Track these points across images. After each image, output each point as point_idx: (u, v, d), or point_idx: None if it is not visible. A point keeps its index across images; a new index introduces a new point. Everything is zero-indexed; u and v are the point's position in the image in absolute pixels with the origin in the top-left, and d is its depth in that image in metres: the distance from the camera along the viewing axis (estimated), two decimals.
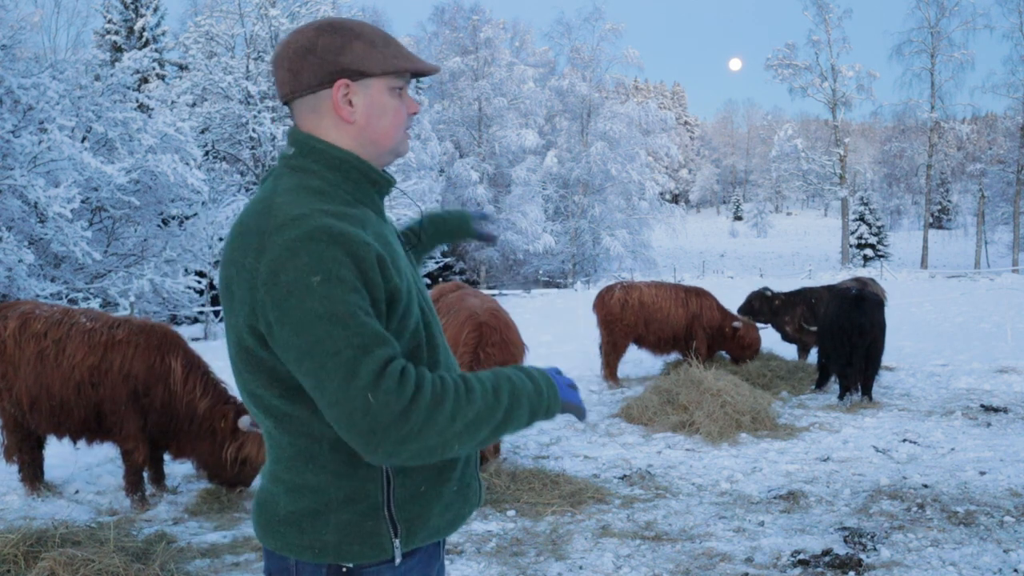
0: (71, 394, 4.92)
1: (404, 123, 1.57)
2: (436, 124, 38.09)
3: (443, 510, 1.56)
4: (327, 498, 1.47)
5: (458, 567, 4.06)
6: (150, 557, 3.95)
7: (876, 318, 7.80)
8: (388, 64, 1.51)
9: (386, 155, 1.57)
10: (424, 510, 1.52)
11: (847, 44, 49.74)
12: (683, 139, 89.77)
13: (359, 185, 1.52)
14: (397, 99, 1.55)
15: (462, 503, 1.61)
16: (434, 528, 1.55)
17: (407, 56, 1.56)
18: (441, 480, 1.54)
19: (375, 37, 1.53)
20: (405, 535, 1.49)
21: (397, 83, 1.54)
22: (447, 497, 1.56)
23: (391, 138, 1.55)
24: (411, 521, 1.50)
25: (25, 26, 15.10)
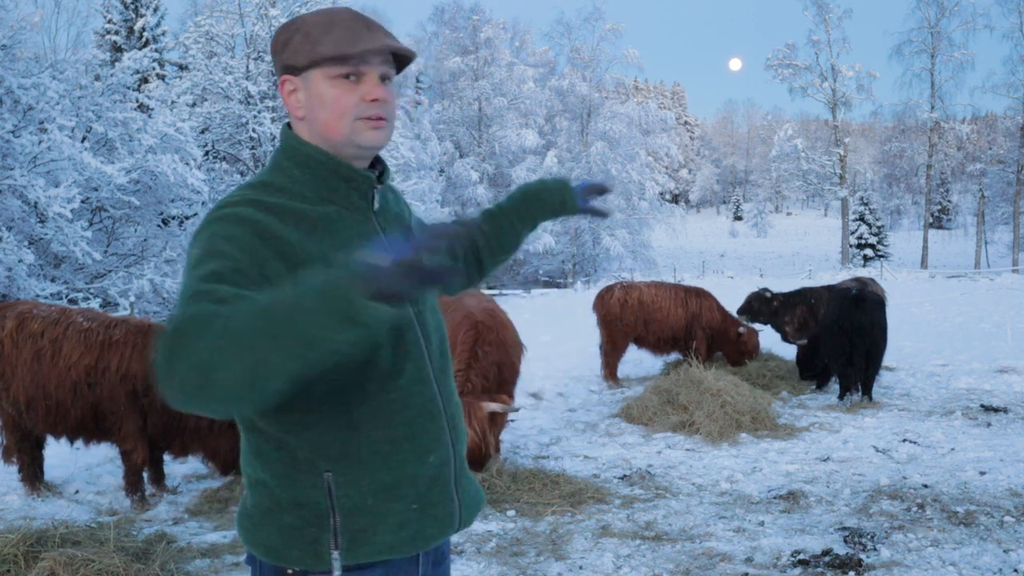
0: (67, 394, 4.92)
1: (351, 112, 1.45)
2: (436, 124, 38.12)
3: (396, 527, 1.47)
4: (277, 498, 1.46)
5: (458, 567, 4.06)
6: (150, 557, 3.95)
7: (877, 318, 7.80)
8: (315, 53, 1.44)
9: (342, 147, 1.48)
10: (371, 524, 1.45)
11: (847, 44, 49.77)
12: (683, 139, 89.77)
13: (327, 182, 1.48)
14: (340, 87, 1.45)
15: (427, 522, 1.52)
16: (384, 544, 1.47)
17: (338, 41, 1.44)
18: (392, 496, 1.47)
19: (315, 27, 1.46)
20: (346, 548, 1.44)
21: (337, 70, 1.44)
22: (402, 515, 1.48)
23: (337, 130, 1.46)
24: (356, 533, 1.44)
25: (25, 26, 15.10)
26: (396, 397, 1.48)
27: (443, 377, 1.58)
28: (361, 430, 1.45)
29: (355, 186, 1.51)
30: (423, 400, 1.51)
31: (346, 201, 1.50)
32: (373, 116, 1.47)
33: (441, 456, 1.54)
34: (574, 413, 7.99)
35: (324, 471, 1.44)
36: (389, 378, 1.47)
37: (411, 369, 1.49)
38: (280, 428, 1.45)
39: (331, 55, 1.43)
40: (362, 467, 1.45)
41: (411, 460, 1.49)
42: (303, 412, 1.43)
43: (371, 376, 1.45)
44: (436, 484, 1.53)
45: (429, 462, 1.52)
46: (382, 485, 1.46)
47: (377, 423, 1.46)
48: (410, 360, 1.50)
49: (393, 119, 1.53)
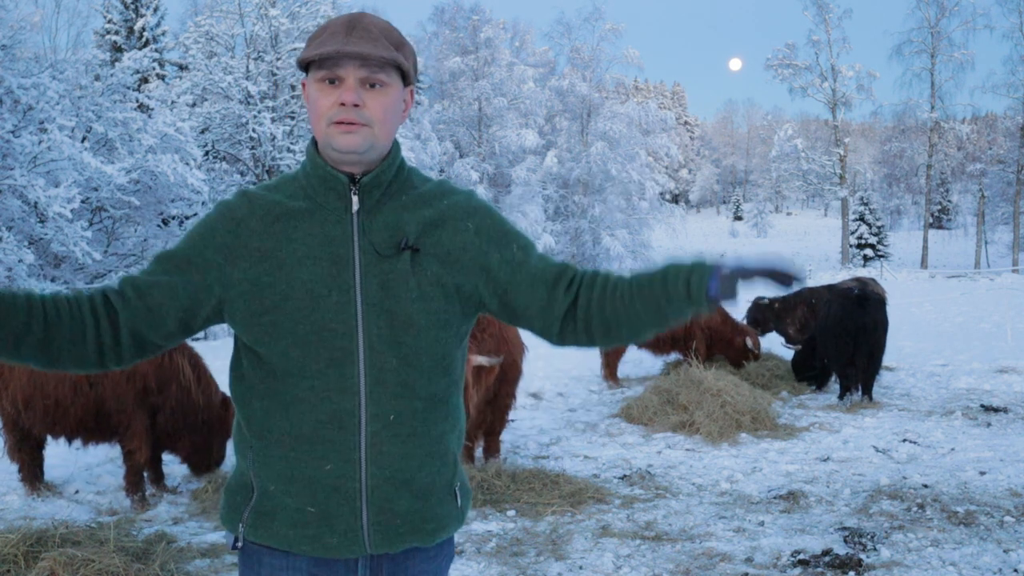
0: (67, 393, 4.92)
1: (326, 114, 1.49)
2: (436, 124, 38.09)
3: (292, 522, 1.52)
4: (235, 465, 1.65)
5: (458, 567, 4.06)
6: (150, 557, 3.95)
7: (879, 317, 7.80)
8: (301, 57, 1.53)
9: (324, 149, 1.55)
10: (272, 511, 1.54)
11: (847, 44, 49.72)
12: (683, 139, 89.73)
13: (311, 180, 1.57)
14: (320, 90, 1.50)
15: (326, 530, 1.51)
16: (279, 534, 1.53)
17: (315, 46, 1.50)
18: (290, 492, 1.52)
19: (316, 32, 1.55)
20: (250, 523, 1.56)
21: (320, 73, 1.50)
22: (298, 512, 1.51)
23: (318, 131, 1.54)
24: (261, 516, 1.55)
25: (25, 26, 15.10)
26: (307, 396, 1.50)
27: (379, 393, 1.50)
28: (274, 418, 1.53)
29: (330, 186, 1.55)
30: (335, 408, 1.49)
31: (323, 200, 1.56)
32: (344, 120, 1.49)
33: (342, 470, 1.50)
34: (574, 413, 7.99)
35: (249, 446, 1.57)
36: (303, 376, 1.49)
37: (332, 375, 1.48)
38: (234, 401, 1.62)
39: (307, 58, 1.51)
40: (270, 453, 1.54)
41: (308, 461, 1.51)
42: (246, 386, 1.57)
43: (288, 370, 1.50)
44: (336, 495, 1.50)
45: (326, 470, 1.50)
46: (282, 476, 1.53)
47: (286, 415, 1.52)
48: (334, 366, 1.49)
49: (380, 125, 1.51)
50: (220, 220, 1.56)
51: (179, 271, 1.53)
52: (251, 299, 1.51)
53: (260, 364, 1.53)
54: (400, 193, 1.58)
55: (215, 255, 1.53)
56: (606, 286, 1.58)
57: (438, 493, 1.59)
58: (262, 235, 1.53)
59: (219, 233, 1.55)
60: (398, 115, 1.56)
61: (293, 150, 24.74)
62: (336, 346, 1.48)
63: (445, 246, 1.56)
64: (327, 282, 1.49)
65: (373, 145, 1.52)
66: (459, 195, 1.64)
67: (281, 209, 1.55)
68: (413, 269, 1.52)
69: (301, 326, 1.48)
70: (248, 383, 1.57)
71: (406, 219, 1.56)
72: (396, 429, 1.51)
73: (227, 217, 1.56)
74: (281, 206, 1.55)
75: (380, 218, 1.55)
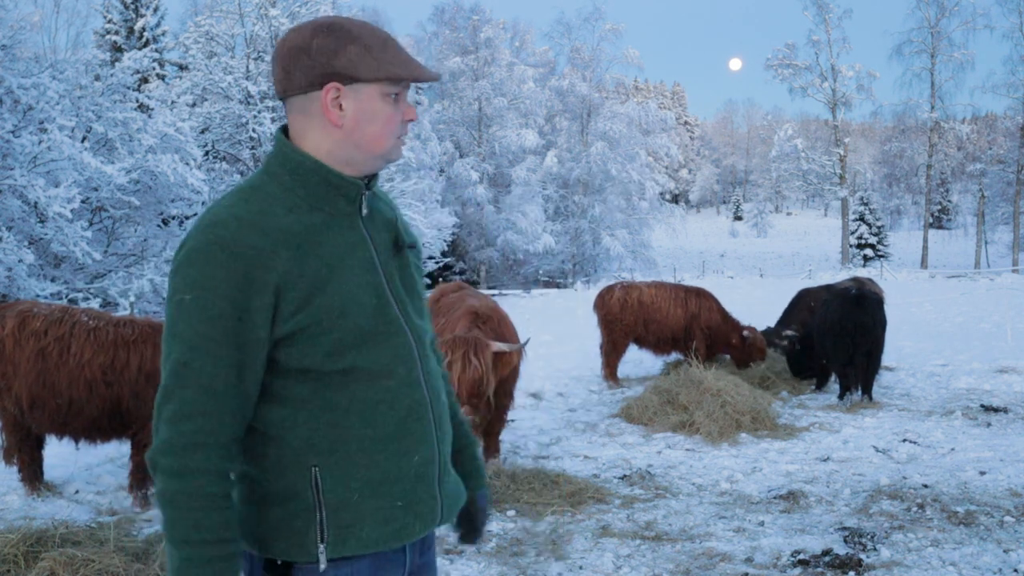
0: (82, 393, 4.91)
1: (396, 130, 1.56)
2: (436, 124, 38.07)
3: (381, 523, 1.53)
4: (263, 491, 1.52)
5: (458, 567, 4.07)
6: (150, 557, 3.95)
7: (878, 316, 7.80)
8: (381, 71, 1.50)
9: (375, 160, 1.56)
10: (357, 519, 1.51)
11: (847, 44, 49.73)
12: (683, 139, 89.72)
13: (317, 190, 1.52)
14: (390, 105, 1.53)
15: (411, 518, 1.57)
16: (369, 539, 1.52)
17: (404, 63, 1.53)
18: (379, 493, 1.52)
19: (372, 41, 1.51)
20: (333, 541, 1.49)
21: (391, 89, 1.52)
22: (387, 511, 1.53)
23: (381, 145, 1.54)
24: (341, 528, 1.50)
25: (25, 26, 15.09)
26: (384, 398, 1.53)
27: (431, 378, 1.62)
28: (349, 427, 1.50)
29: (343, 192, 1.54)
30: (411, 402, 1.56)
31: (334, 208, 1.53)
32: (405, 135, 1.60)
33: (426, 456, 1.58)
34: (574, 413, 7.99)
35: (312, 465, 1.49)
36: (378, 379, 1.52)
37: (401, 372, 1.55)
38: (270, 425, 1.51)
39: (399, 75, 1.51)
40: (349, 463, 1.50)
41: (396, 459, 1.54)
42: (293, 408, 1.50)
43: (358, 378, 1.50)
44: (420, 482, 1.58)
45: (414, 461, 1.56)
46: (368, 481, 1.51)
47: (364, 421, 1.51)
48: (401, 363, 1.55)
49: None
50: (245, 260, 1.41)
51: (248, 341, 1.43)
52: (310, 326, 1.45)
53: (319, 380, 1.48)
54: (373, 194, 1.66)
55: (263, 299, 1.42)
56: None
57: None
58: (296, 261, 1.44)
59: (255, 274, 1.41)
60: None
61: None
62: (396, 344, 1.54)
63: (413, 239, 1.71)
64: (366, 288, 1.52)
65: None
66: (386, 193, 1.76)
67: (298, 228, 1.47)
68: (411, 264, 1.66)
69: (361, 336, 1.50)
70: (298, 404, 1.49)
71: (389, 219, 1.66)
72: (444, 408, 1.66)
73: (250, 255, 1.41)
74: (295, 224, 1.48)
75: (377, 219, 1.62)
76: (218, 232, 1.43)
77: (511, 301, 24.61)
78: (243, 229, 1.43)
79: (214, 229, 1.43)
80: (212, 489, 1.42)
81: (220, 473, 1.44)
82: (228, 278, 1.40)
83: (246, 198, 1.49)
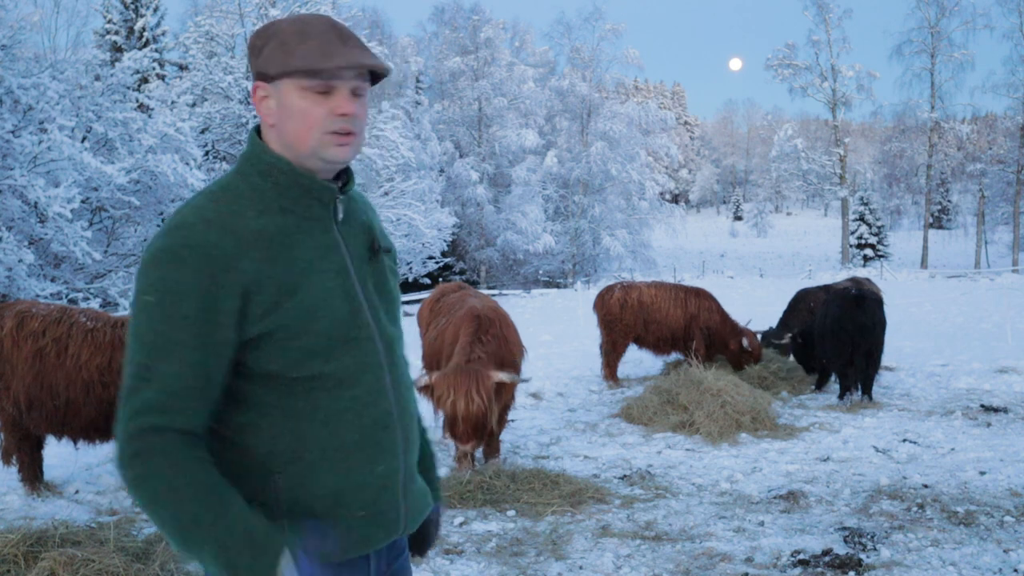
0: (79, 394, 4.91)
1: (321, 125, 1.46)
2: (436, 124, 38.09)
3: (343, 529, 1.51)
4: None
5: (458, 567, 4.07)
6: (150, 557, 3.95)
7: (878, 317, 7.80)
8: (290, 64, 1.44)
9: (307, 159, 1.49)
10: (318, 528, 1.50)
11: (847, 44, 49.72)
12: (683, 139, 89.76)
13: (288, 192, 1.49)
14: (309, 100, 1.45)
15: (374, 528, 1.55)
16: (334, 553, 1.51)
17: (318, 53, 1.44)
18: (339, 503, 1.50)
19: (289, 35, 1.47)
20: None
21: (309, 83, 1.44)
22: (348, 521, 1.51)
23: (304, 142, 1.47)
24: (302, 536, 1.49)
25: (25, 26, 15.09)
26: (349, 407, 1.50)
27: (400, 388, 1.59)
28: (312, 436, 1.48)
29: (316, 196, 1.51)
30: (377, 411, 1.53)
31: (306, 211, 1.50)
32: (341, 131, 1.48)
33: (391, 466, 1.56)
34: (574, 413, 7.99)
35: (275, 473, 1.47)
36: (344, 387, 1.49)
37: (368, 380, 1.52)
38: (233, 430, 1.49)
39: (303, 68, 1.44)
40: (311, 472, 1.48)
41: (360, 469, 1.52)
42: (257, 414, 1.47)
43: (322, 385, 1.47)
44: (384, 492, 1.56)
45: (378, 471, 1.54)
46: (330, 491, 1.49)
47: (328, 430, 1.49)
48: (368, 372, 1.52)
49: (362, 133, 1.54)
50: (211, 262, 1.38)
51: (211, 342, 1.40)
52: (279, 331, 1.43)
53: (285, 386, 1.46)
54: (351, 197, 1.62)
55: (231, 302, 1.40)
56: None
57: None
58: (265, 263, 1.42)
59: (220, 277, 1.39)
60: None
61: None
62: (364, 351, 1.52)
63: (388, 244, 1.69)
64: (338, 293, 1.50)
65: (357, 154, 1.54)
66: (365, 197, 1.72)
67: (270, 230, 1.45)
68: (387, 268, 1.64)
69: (330, 342, 1.48)
70: (263, 409, 1.47)
71: (365, 223, 1.62)
72: (412, 418, 1.64)
73: (216, 256, 1.39)
74: (266, 226, 1.45)
75: (352, 224, 1.59)
76: (184, 234, 1.40)
77: (511, 301, 24.61)
78: (211, 231, 1.40)
79: (180, 231, 1.41)
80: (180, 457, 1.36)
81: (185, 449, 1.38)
82: (194, 280, 1.38)
83: (215, 199, 1.46)
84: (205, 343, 1.39)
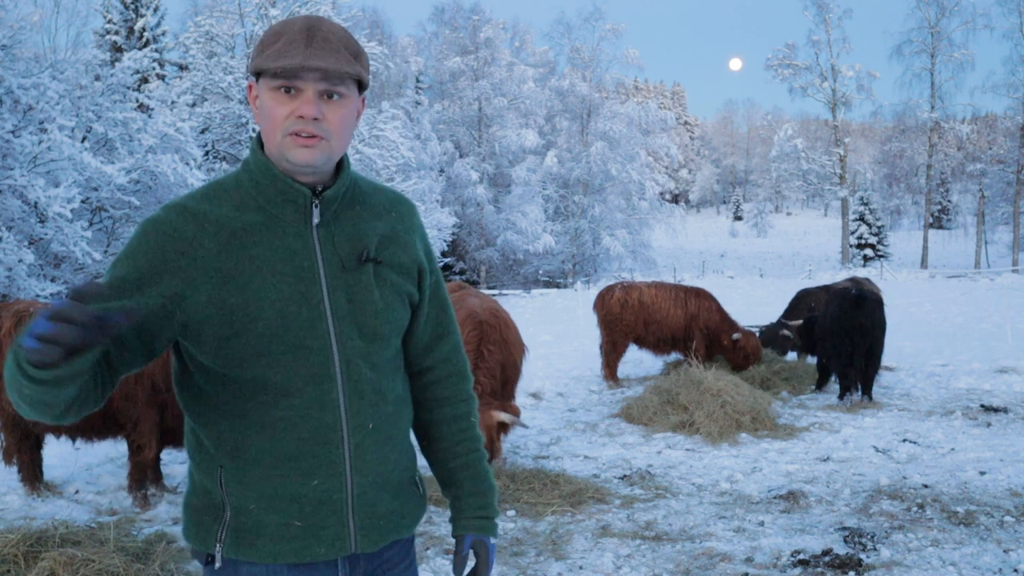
0: None
1: (282, 125, 1.45)
2: (436, 124, 38.10)
3: (277, 538, 1.50)
4: (193, 482, 1.58)
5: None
6: (150, 557, 3.95)
7: (877, 317, 7.81)
8: (258, 64, 1.46)
9: (277, 160, 1.49)
10: (254, 528, 1.50)
11: (847, 44, 49.76)
12: (683, 139, 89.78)
13: (265, 191, 1.50)
14: (277, 99, 1.45)
15: (312, 540, 1.51)
16: (265, 551, 1.50)
17: (278, 53, 1.43)
18: (272, 508, 1.50)
19: (269, 36, 1.48)
20: (229, 543, 1.51)
21: (276, 82, 1.44)
22: (283, 528, 1.50)
23: (271, 141, 1.48)
24: (239, 533, 1.51)
25: (25, 26, 15.09)
26: (287, 415, 1.48)
27: (358, 403, 1.52)
28: (250, 438, 1.49)
29: (289, 198, 1.50)
30: (318, 425, 1.49)
31: (279, 211, 1.50)
32: (302, 132, 1.45)
33: (330, 484, 1.51)
34: (574, 413, 7.99)
35: (219, 466, 1.52)
36: (284, 396, 1.48)
37: (311, 392, 1.49)
38: (192, 418, 1.56)
39: (264, 68, 1.45)
40: (248, 472, 1.50)
41: (293, 479, 1.50)
42: (208, 407, 1.52)
43: (262, 390, 1.47)
44: (323, 508, 1.52)
45: (313, 485, 1.50)
46: (263, 494, 1.50)
47: (265, 436, 1.49)
48: (312, 383, 1.48)
49: (336, 137, 1.49)
50: (168, 241, 1.44)
51: (133, 292, 1.42)
52: (218, 323, 1.44)
53: (226, 384, 1.48)
54: (354, 203, 1.58)
55: (171, 280, 1.43)
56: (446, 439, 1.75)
57: (406, 487, 1.65)
58: (219, 254, 1.45)
59: (170, 256, 1.44)
60: (353, 125, 1.54)
61: None
62: (313, 363, 1.48)
63: (400, 258, 1.60)
64: (296, 299, 1.47)
65: (329, 158, 1.50)
66: (405, 206, 1.68)
67: (235, 224, 1.47)
68: (376, 280, 1.55)
69: (275, 346, 1.46)
70: (211, 403, 1.51)
71: (364, 230, 1.57)
72: (375, 436, 1.55)
73: (174, 238, 1.45)
74: (234, 220, 1.47)
75: (340, 230, 1.54)
76: (159, 215, 1.49)
77: (511, 301, 24.61)
78: (180, 216, 1.47)
79: (160, 211, 1.51)
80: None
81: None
82: (142, 250, 1.45)
83: (206, 191, 1.53)
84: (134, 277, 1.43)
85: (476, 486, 1.75)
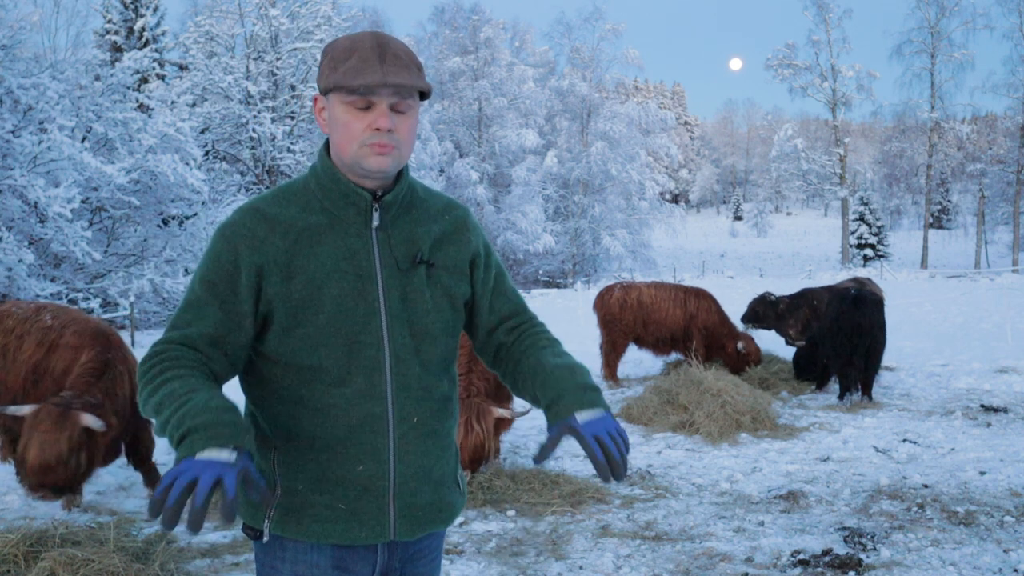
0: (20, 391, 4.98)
1: (358, 137, 1.57)
2: (436, 124, 38.11)
3: (322, 519, 1.61)
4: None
5: (458, 567, 4.07)
6: (150, 557, 3.95)
7: (876, 318, 7.80)
8: (331, 80, 1.57)
9: (349, 167, 1.62)
10: (300, 508, 1.61)
11: (847, 44, 49.78)
12: (683, 139, 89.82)
13: (329, 195, 1.63)
14: (351, 113, 1.57)
15: (355, 524, 1.62)
16: (309, 530, 1.61)
17: (353, 71, 1.55)
18: (319, 490, 1.61)
19: (339, 53, 1.59)
20: (276, 520, 1.62)
21: (348, 97, 1.56)
22: (328, 509, 1.61)
23: (346, 152, 1.59)
24: (286, 511, 1.61)
25: (25, 26, 15.10)
26: (339, 403, 1.59)
27: (406, 397, 1.63)
28: (302, 423, 1.61)
29: (351, 201, 1.63)
30: (366, 414, 1.60)
31: (343, 213, 1.63)
32: (377, 143, 1.57)
33: (373, 470, 1.61)
34: None
35: (274, 447, 1.63)
36: (336, 384, 1.59)
37: (362, 383, 1.60)
38: (251, 401, 1.68)
39: (341, 84, 1.56)
40: (299, 455, 1.61)
41: (340, 464, 1.60)
42: (268, 391, 1.64)
43: (318, 378, 1.59)
44: (367, 494, 1.62)
45: (358, 471, 1.61)
46: (311, 477, 1.61)
47: (317, 420, 1.60)
48: (363, 374, 1.60)
49: (405, 145, 1.62)
50: (243, 241, 1.59)
51: (230, 307, 1.58)
52: (283, 315, 1.58)
53: (286, 371, 1.60)
54: (411, 208, 1.70)
55: (250, 278, 1.58)
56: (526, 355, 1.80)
57: (447, 483, 1.74)
58: (287, 252, 1.58)
59: (245, 253, 1.58)
60: (416, 133, 1.67)
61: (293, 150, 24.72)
62: (366, 356, 1.59)
63: (453, 260, 1.72)
64: (354, 295, 1.59)
65: (399, 164, 1.62)
66: (460, 210, 1.79)
67: (302, 224, 1.61)
68: (428, 282, 1.67)
69: (332, 338, 1.58)
70: (271, 388, 1.63)
71: (419, 234, 1.68)
72: (419, 429, 1.65)
73: (248, 237, 1.59)
74: (300, 221, 1.61)
75: (396, 233, 1.66)
76: (234, 217, 1.63)
77: None
78: (252, 217, 1.61)
79: (234, 214, 1.65)
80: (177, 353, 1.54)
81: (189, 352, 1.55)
82: (224, 252, 1.59)
83: (275, 193, 1.67)
84: (223, 302, 1.58)
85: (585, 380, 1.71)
